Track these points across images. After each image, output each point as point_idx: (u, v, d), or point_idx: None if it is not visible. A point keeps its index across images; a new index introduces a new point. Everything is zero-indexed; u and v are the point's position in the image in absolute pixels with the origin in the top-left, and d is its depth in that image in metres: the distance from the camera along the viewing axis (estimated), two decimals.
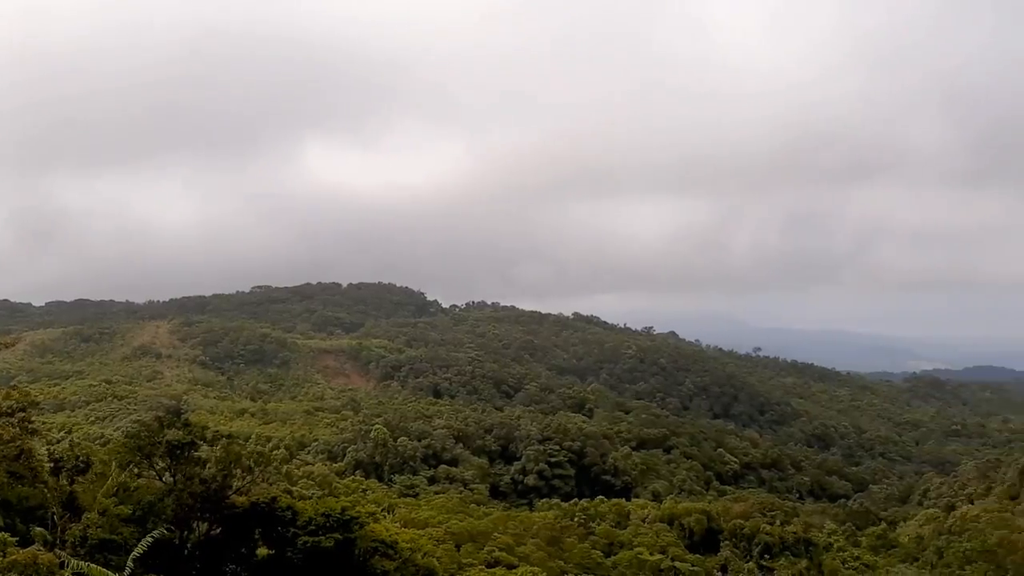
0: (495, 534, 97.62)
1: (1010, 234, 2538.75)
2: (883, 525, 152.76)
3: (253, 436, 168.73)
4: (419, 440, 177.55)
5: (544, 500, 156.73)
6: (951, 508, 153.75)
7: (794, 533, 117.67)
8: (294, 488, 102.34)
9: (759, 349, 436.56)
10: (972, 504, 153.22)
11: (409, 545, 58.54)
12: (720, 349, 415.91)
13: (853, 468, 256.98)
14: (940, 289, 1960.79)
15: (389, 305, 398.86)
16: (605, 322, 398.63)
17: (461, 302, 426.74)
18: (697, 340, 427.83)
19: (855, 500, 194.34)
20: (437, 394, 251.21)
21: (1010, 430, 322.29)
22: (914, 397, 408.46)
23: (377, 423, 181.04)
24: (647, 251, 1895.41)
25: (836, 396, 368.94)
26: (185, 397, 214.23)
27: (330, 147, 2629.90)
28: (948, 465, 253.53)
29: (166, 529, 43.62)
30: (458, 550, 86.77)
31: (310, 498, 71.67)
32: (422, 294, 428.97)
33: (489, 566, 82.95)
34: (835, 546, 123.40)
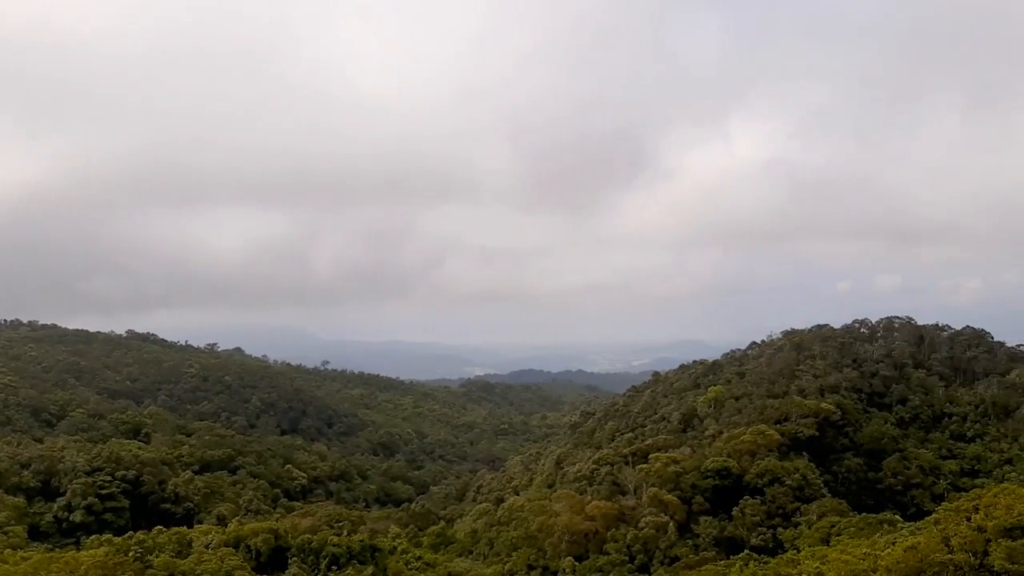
0: None
1: (552, 254, 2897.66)
2: (442, 523, 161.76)
3: None
4: None
5: (94, 537, 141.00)
6: (500, 501, 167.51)
7: (361, 541, 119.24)
8: None
9: (327, 362, 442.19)
10: (518, 495, 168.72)
11: None
12: (288, 364, 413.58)
13: (416, 472, 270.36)
14: (495, 302, 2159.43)
15: None
16: (164, 340, 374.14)
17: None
18: (265, 355, 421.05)
19: (417, 502, 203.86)
20: None
21: (547, 425, 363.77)
22: (469, 401, 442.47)
23: None
24: (230, 264, 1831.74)
25: (400, 404, 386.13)
26: None
27: None
28: (498, 461, 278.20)
29: None
30: None
31: None
32: None
33: None
34: (399, 548, 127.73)
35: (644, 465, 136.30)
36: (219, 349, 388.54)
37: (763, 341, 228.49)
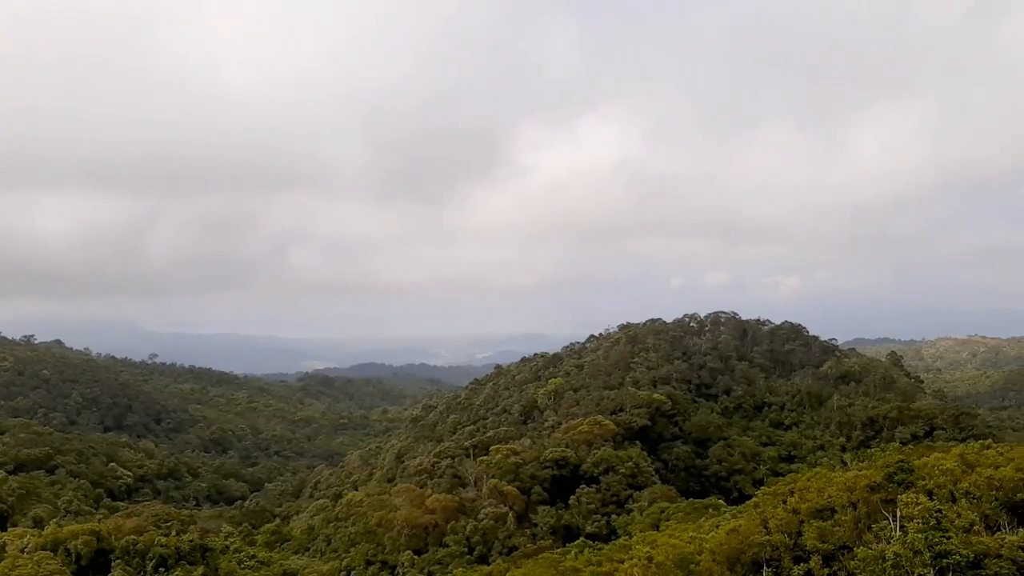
0: None
1: (399, 247, 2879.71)
2: (277, 521, 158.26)
3: None
4: None
5: None
6: (338, 496, 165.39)
7: (190, 541, 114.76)
8: None
9: (155, 356, 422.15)
10: (357, 490, 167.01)
11: None
12: (113, 357, 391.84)
13: (250, 469, 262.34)
14: (339, 295, 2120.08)
15: None
16: None
17: None
18: (87, 348, 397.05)
19: (251, 500, 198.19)
20: None
21: (388, 419, 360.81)
22: (307, 395, 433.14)
23: None
24: (55, 252, 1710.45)
25: (234, 399, 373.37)
26: None
27: None
28: (337, 456, 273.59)
29: None
30: None
31: None
32: None
33: None
34: (232, 548, 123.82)
35: (485, 457, 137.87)
36: (37, 341, 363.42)
37: (601, 334, 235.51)
